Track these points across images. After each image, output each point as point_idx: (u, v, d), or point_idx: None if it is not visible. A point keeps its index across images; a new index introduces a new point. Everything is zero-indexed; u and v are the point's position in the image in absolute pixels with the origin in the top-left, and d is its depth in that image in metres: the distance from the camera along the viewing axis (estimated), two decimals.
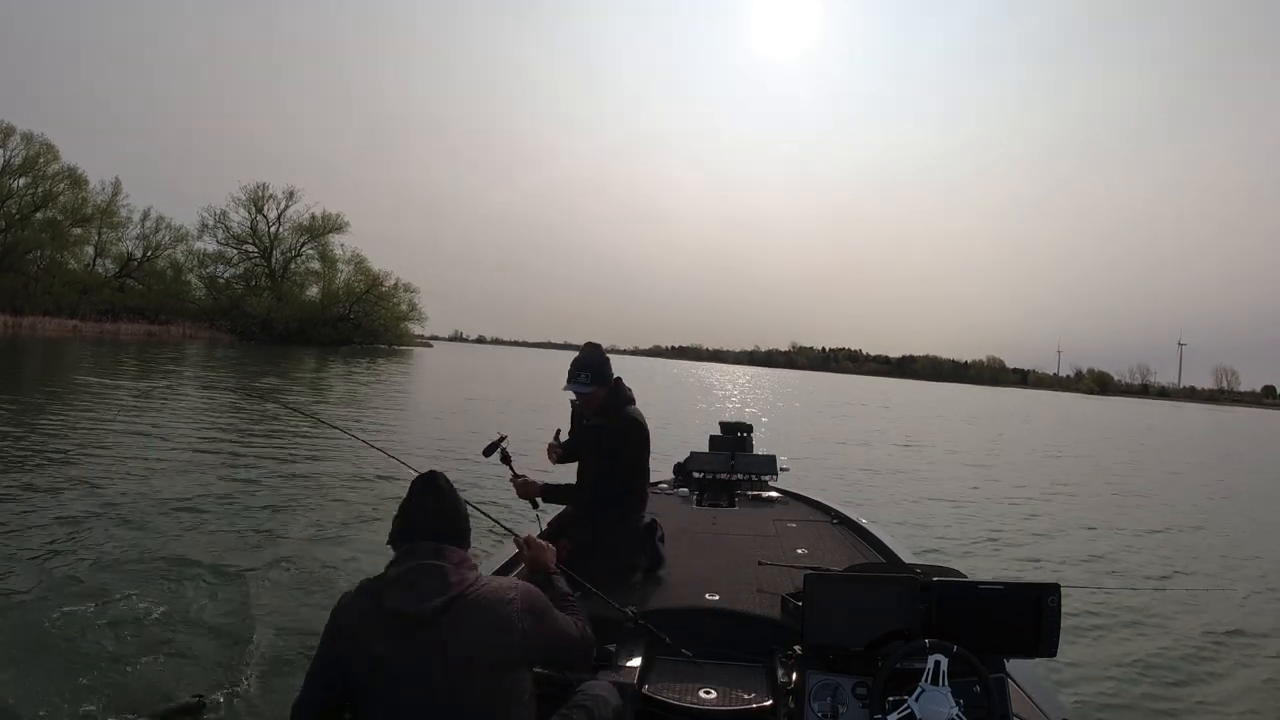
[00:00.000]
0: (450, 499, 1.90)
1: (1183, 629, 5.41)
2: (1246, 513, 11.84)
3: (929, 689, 1.86)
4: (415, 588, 1.73)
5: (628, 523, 3.40)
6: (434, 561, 1.76)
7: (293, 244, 65.26)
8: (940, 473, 13.82)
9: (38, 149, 50.20)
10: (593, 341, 3.44)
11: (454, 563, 1.79)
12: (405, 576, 1.76)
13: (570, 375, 3.37)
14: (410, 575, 1.76)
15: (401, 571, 1.77)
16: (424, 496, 1.89)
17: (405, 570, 1.77)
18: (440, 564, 1.76)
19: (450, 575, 1.75)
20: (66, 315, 48.00)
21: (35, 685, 3.38)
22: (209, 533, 6.00)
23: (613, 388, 3.44)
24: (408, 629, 1.71)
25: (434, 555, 1.78)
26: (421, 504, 1.88)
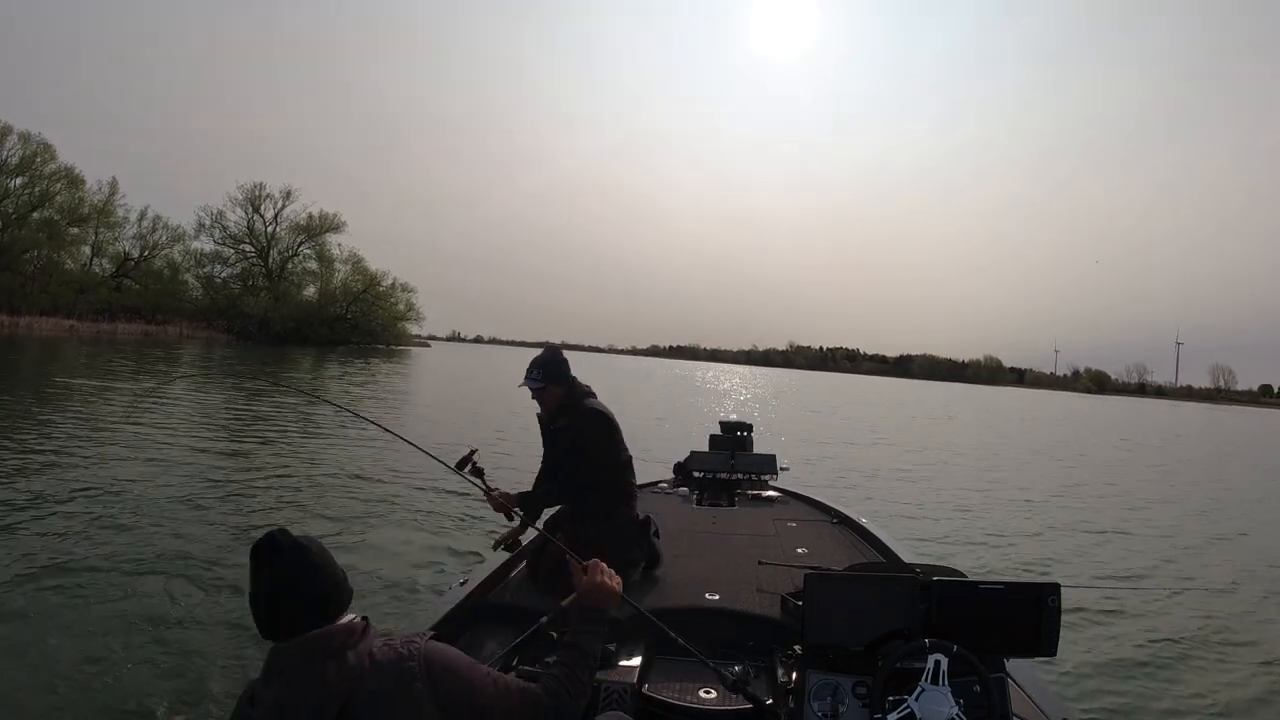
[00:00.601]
0: (300, 566, 1.47)
1: (1183, 629, 5.42)
2: (1247, 513, 11.86)
3: (929, 688, 1.86)
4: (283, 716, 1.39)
5: (618, 518, 3.39)
6: (306, 669, 1.41)
7: (290, 244, 65.18)
8: (940, 473, 13.83)
9: (35, 148, 50.17)
10: (551, 343, 3.48)
11: (333, 651, 1.42)
12: (279, 707, 1.40)
13: (527, 373, 3.40)
14: (282, 705, 1.40)
15: (270, 702, 1.41)
16: (262, 576, 1.48)
17: (275, 697, 1.41)
18: (315, 670, 1.40)
19: (331, 675, 1.39)
20: (63, 315, 47.84)
21: (25, 686, 3.38)
22: (204, 527, 6.00)
23: (569, 386, 3.45)
24: None
25: (303, 660, 1.41)
26: (263, 590, 1.48)
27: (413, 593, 4.87)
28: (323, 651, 1.42)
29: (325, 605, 1.47)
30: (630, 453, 3.62)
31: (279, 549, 1.47)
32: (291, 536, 1.50)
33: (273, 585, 1.46)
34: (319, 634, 1.44)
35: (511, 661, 2.45)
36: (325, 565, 1.51)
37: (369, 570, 5.36)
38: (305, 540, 1.51)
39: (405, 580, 5.18)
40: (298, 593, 1.45)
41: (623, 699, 2.29)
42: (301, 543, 1.50)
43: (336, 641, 1.43)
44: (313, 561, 1.48)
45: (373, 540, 6.15)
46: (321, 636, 1.43)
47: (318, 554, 1.51)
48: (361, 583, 5.04)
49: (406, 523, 6.81)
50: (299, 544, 1.49)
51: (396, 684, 1.42)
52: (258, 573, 1.48)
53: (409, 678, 1.43)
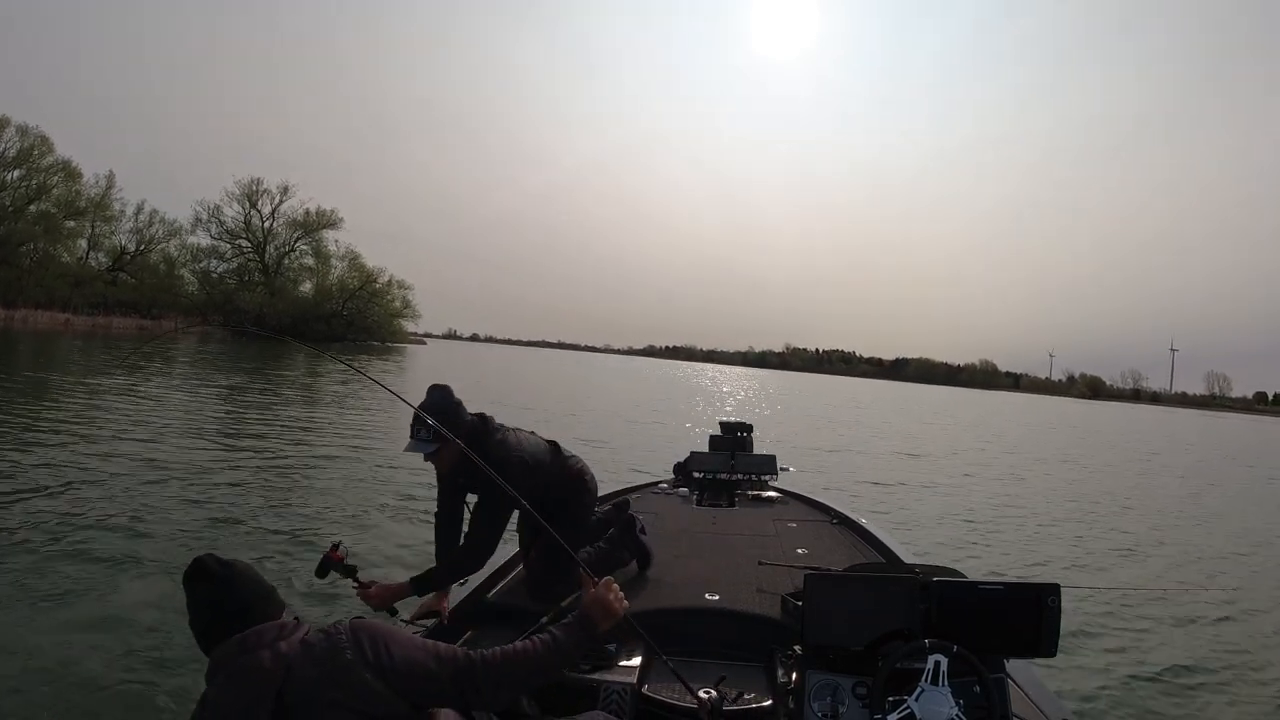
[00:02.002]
0: (228, 582, 1.57)
1: (1183, 629, 5.45)
2: (1246, 514, 11.91)
3: (929, 689, 1.86)
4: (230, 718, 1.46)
5: (581, 530, 3.21)
6: (241, 661, 1.49)
7: (286, 239, 65.13)
8: (941, 473, 13.86)
9: (32, 141, 49.97)
10: (438, 384, 2.87)
11: (265, 642, 1.51)
12: (219, 700, 1.48)
13: (411, 431, 2.78)
14: (222, 699, 1.48)
15: (212, 700, 1.49)
16: (196, 596, 1.58)
17: (216, 692, 1.49)
18: (249, 660, 1.49)
19: (265, 663, 1.48)
20: (59, 308, 47.63)
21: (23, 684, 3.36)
22: (200, 524, 5.99)
23: (468, 436, 2.78)
24: None
25: (239, 653, 1.50)
26: (198, 610, 1.58)
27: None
28: (255, 644, 1.50)
29: (248, 610, 1.56)
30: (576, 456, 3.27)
31: (206, 571, 1.58)
32: (217, 559, 1.61)
33: (206, 602, 1.56)
34: (252, 630, 1.52)
35: None
36: (251, 580, 1.61)
37: (368, 571, 5.33)
38: (230, 561, 1.62)
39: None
40: (228, 606, 1.55)
41: (623, 699, 2.29)
42: (226, 562, 1.60)
43: (269, 635, 1.52)
44: (239, 578, 1.59)
45: (372, 540, 6.13)
46: (255, 632, 1.52)
47: (243, 571, 1.61)
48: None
49: (406, 523, 6.80)
50: (224, 563, 1.60)
51: (328, 660, 1.49)
52: (191, 594, 1.58)
53: (338, 649, 1.50)
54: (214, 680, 1.51)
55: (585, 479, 3.26)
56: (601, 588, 1.87)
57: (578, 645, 1.78)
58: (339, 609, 4.38)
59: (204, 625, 1.57)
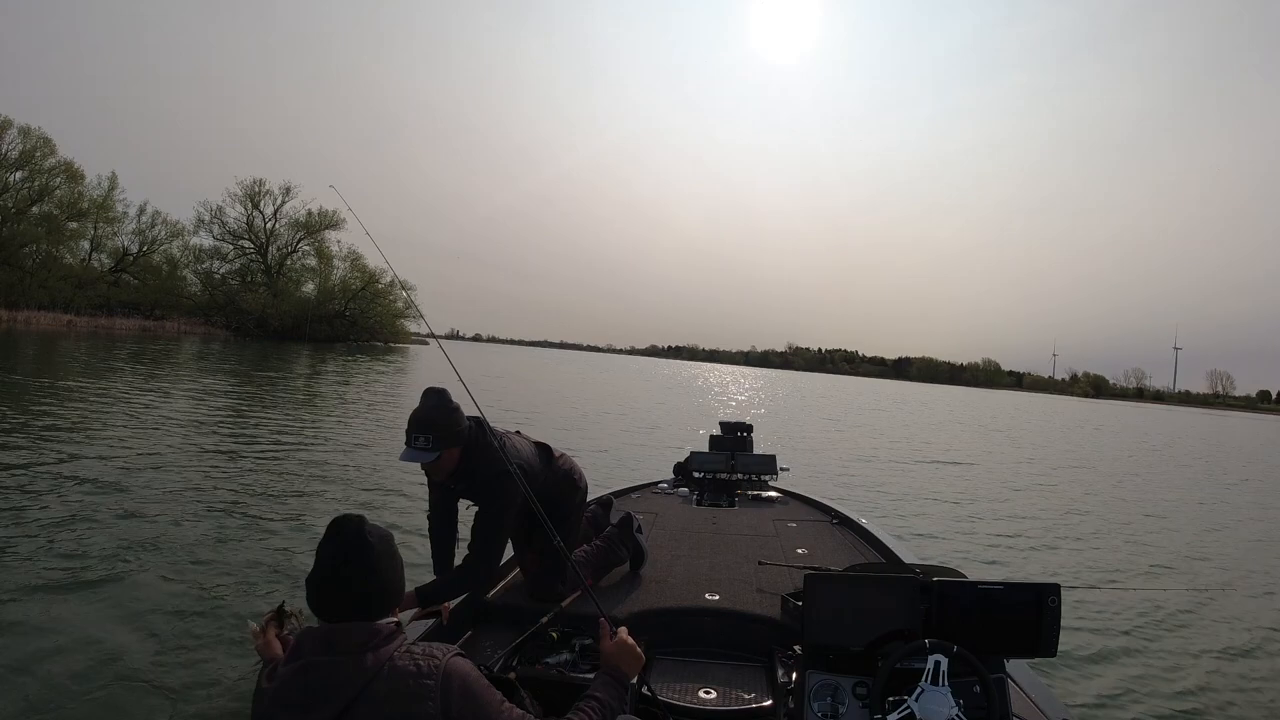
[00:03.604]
0: (354, 557, 1.47)
1: (1183, 629, 5.44)
2: (1246, 514, 11.88)
3: (929, 689, 1.86)
4: (290, 707, 1.39)
5: (574, 531, 3.21)
6: (322, 658, 1.41)
7: (289, 240, 65.21)
8: (941, 474, 13.84)
9: (35, 142, 50.10)
10: (435, 388, 2.76)
11: (352, 646, 1.42)
12: (286, 686, 1.41)
13: (407, 438, 2.67)
14: (291, 685, 1.41)
15: (283, 679, 1.43)
16: (321, 552, 1.50)
17: (286, 676, 1.42)
18: (330, 662, 1.40)
19: (343, 671, 1.39)
20: (61, 309, 47.79)
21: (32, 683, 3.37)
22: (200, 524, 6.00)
23: (468, 445, 2.76)
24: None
25: (322, 649, 1.42)
26: (315, 566, 1.50)
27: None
28: (342, 646, 1.41)
29: (364, 603, 1.46)
30: (566, 456, 3.26)
31: (342, 533, 1.49)
32: (361, 526, 1.50)
33: (323, 565, 1.47)
34: (344, 627, 1.43)
35: (512, 662, 2.45)
36: (380, 565, 1.49)
37: None
38: (374, 534, 1.51)
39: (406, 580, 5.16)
40: (342, 580, 1.46)
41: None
42: (368, 536, 1.49)
43: (358, 639, 1.42)
44: (368, 557, 1.48)
45: None
46: (345, 630, 1.43)
47: (379, 552, 1.50)
48: None
49: (406, 522, 6.80)
50: (364, 536, 1.49)
51: (410, 700, 1.39)
52: (320, 548, 1.50)
53: (422, 695, 1.40)
54: (290, 663, 1.44)
55: (575, 479, 3.25)
56: (621, 636, 1.91)
57: (620, 699, 1.81)
58: None
59: (312, 586, 1.48)
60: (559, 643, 2.54)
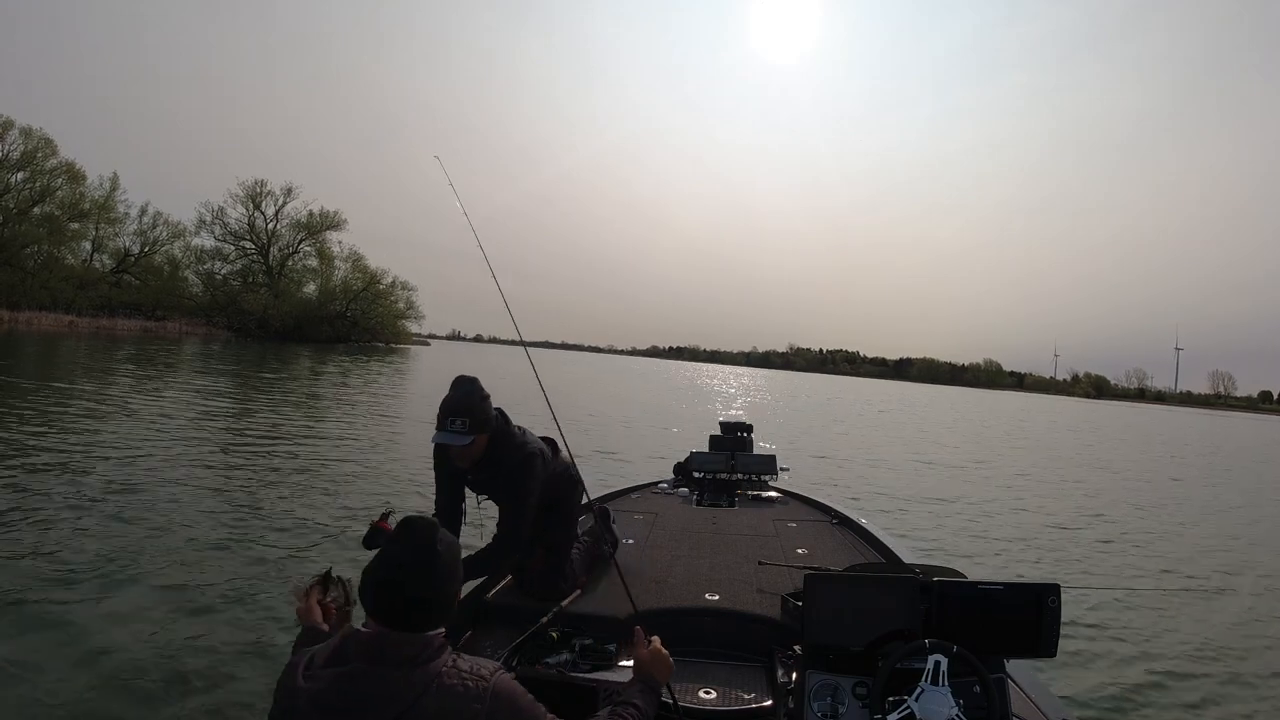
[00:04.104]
0: (414, 561, 1.43)
1: (1183, 629, 5.43)
2: (1246, 515, 11.86)
3: (929, 689, 1.85)
4: (329, 713, 1.35)
5: (572, 528, 3.26)
6: (368, 669, 1.37)
7: (290, 241, 65.31)
8: (941, 474, 13.83)
9: (36, 143, 50.19)
10: (466, 376, 2.80)
11: (402, 659, 1.38)
12: (329, 692, 1.37)
13: (440, 422, 2.68)
14: (333, 691, 1.37)
15: (325, 682, 1.38)
16: (382, 549, 1.47)
17: (329, 681, 1.38)
18: (375, 674, 1.36)
19: (389, 686, 1.35)
20: (63, 310, 47.86)
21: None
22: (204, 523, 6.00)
23: (495, 434, 2.82)
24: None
25: (368, 660, 1.38)
26: (373, 563, 1.46)
27: None
28: (390, 657, 1.38)
29: (418, 611, 1.42)
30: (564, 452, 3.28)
31: (411, 535, 1.46)
32: (432, 532, 1.47)
33: (385, 564, 1.44)
34: (394, 638, 1.39)
35: (511, 662, 2.45)
36: (441, 576, 1.45)
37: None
38: (443, 543, 1.47)
39: None
40: (399, 585, 1.41)
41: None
42: (436, 543, 1.46)
43: (408, 652, 1.38)
44: (433, 565, 1.44)
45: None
46: (395, 641, 1.39)
47: (444, 562, 1.46)
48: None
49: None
50: (433, 543, 1.45)
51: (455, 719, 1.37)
52: (385, 545, 1.47)
53: (471, 715, 1.37)
54: (332, 666, 1.40)
55: (574, 476, 3.25)
56: (655, 645, 1.93)
57: (655, 707, 1.81)
58: None
59: (366, 583, 1.44)
60: (559, 643, 2.53)
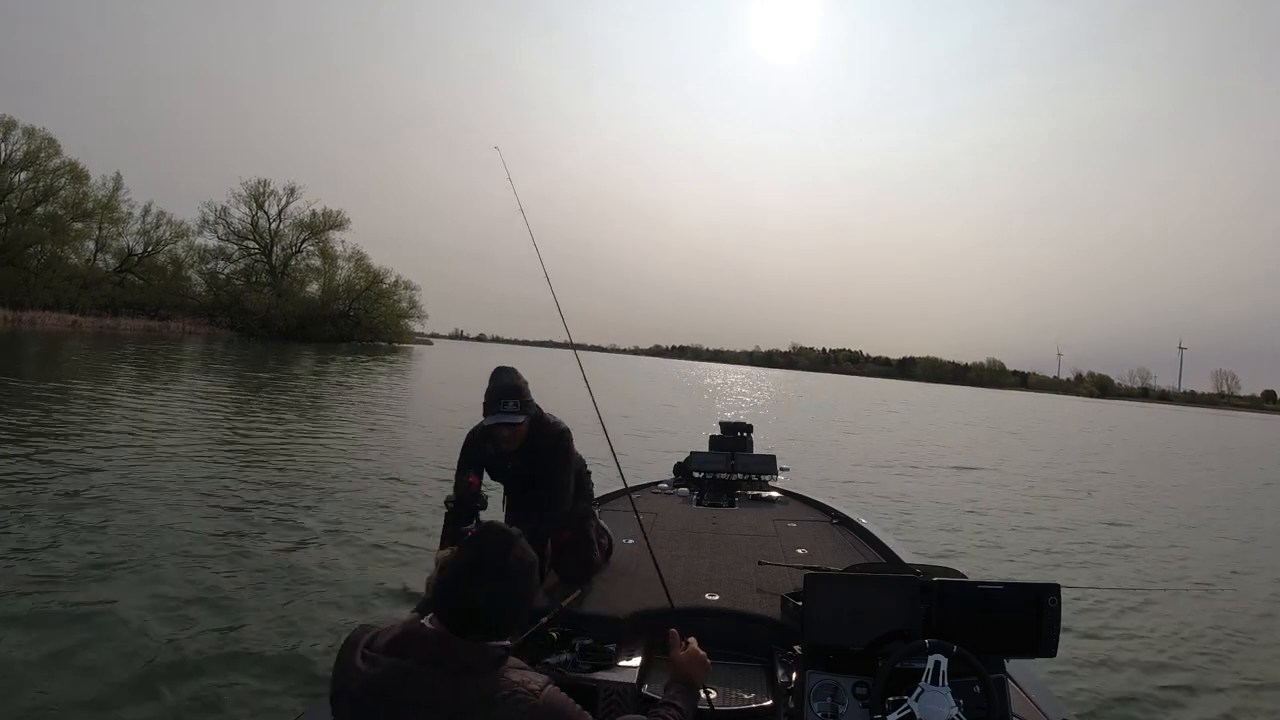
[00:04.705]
0: (499, 576, 1.43)
1: (1183, 629, 5.41)
2: (1247, 515, 11.82)
3: (929, 689, 1.85)
4: (380, 701, 1.36)
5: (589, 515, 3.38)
6: (425, 669, 1.37)
7: (293, 240, 65.41)
8: (941, 473, 13.81)
9: (39, 143, 50.25)
10: (505, 366, 3.02)
11: (458, 667, 1.37)
12: (382, 682, 1.37)
13: (492, 405, 2.87)
14: (387, 682, 1.37)
15: (382, 670, 1.38)
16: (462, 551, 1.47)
17: (386, 670, 1.38)
18: (431, 677, 1.36)
19: (443, 690, 1.35)
20: (66, 310, 47.98)
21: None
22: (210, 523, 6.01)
23: (534, 419, 3.00)
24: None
25: (428, 662, 1.37)
26: (452, 563, 1.45)
27: (411, 593, 4.87)
28: (448, 663, 1.37)
29: (481, 622, 1.42)
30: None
31: (484, 543, 1.46)
32: (507, 543, 1.47)
33: (453, 567, 1.44)
34: (454, 644, 1.39)
35: None
36: (509, 589, 1.45)
37: (367, 568, 5.37)
38: (516, 554, 1.47)
39: (404, 580, 5.18)
40: (462, 594, 1.41)
41: (622, 700, 2.29)
42: (509, 554, 1.46)
43: (465, 660, 1.38)
44: (503, 576, 1.44)
45: (373, 538, 6.14)
46: (454, 648, 1.39)
47: (516, 574, 1.46)
48: (360, 582, 5.07)
49: (407, 521, 6.82)
50: (506, 554, 1.45)
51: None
52: (458, 549, 1.48)
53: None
54: (395, 652, 1.40)
55: (585, 465, 3.40)
56: (693, 646, 1.95)
57: (694, 707, 1.82)
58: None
59: (441, 595, 1.42)
60: (559, 643, 2.53)
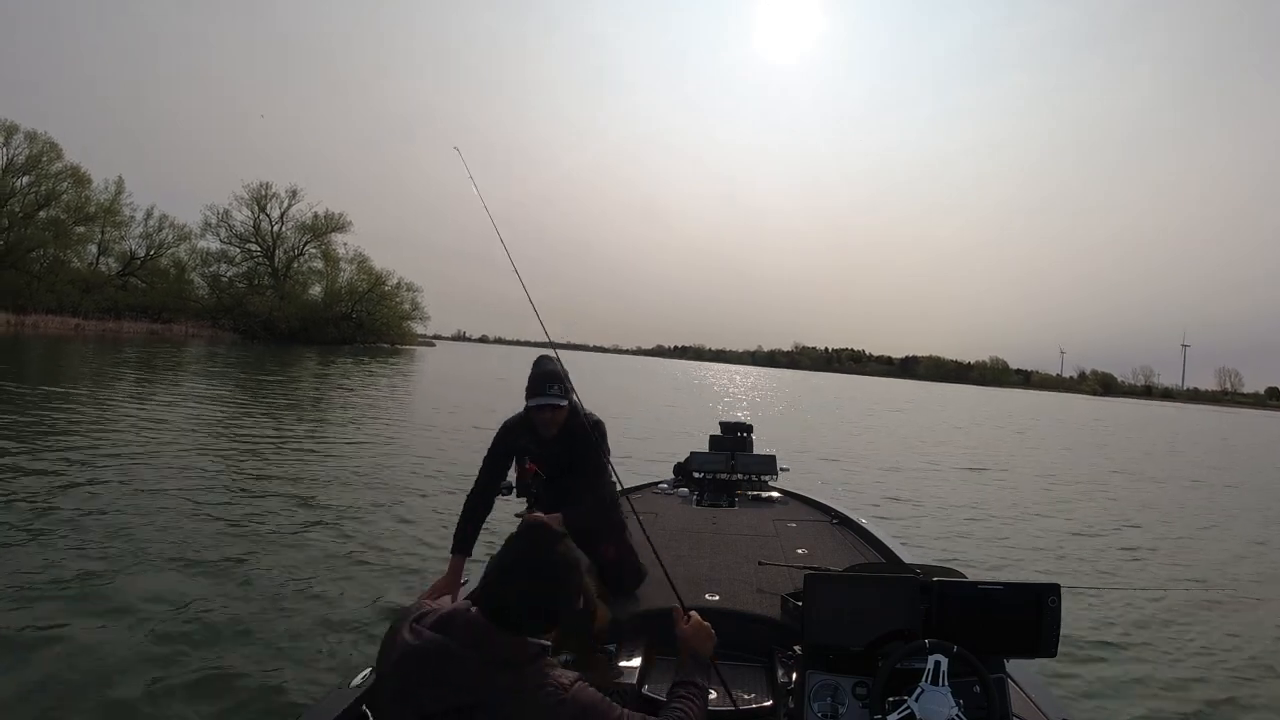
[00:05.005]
0: (544, 577, 1.47)
1: (1183, 630, 5.39)
2: (1248, 514, 11.78)
3: (929, 689, 1.85)
4: (422, 667, 1.40)
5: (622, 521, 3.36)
6: (466, 651, 1.40)
7: (295, 243, 65.57)
8: (941, 472, 13.80)
9: (41, 147, 50.36)
10: (544, 354, 3.09)
11: (496, 658, 1.40)
12: (425, 654, 1.41)
13: (536, 389, 2.97)
14: (429, 656, 1.41)
15: (426, 643, 1.42)
16: (510, 545, 1.51)
17: (430, 644, 1.42)
18: (470, 660, 1.39)
19: (478, 675, 1.38)
20: (69, 313, 48.08)
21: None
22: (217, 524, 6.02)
23: (570, 407, 3.09)
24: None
25: (472, 642, 1.41)
26: (499, 555, 1.51)
27: (411, 592, 4.87)
28: (487, 652, 1.40)
29: (521, 617, 1.44)
30: None
31: (529, 542, 1.49)
32: (551, 542, 1.50)
33: (501, 560, 1.49)
34: (495, 633, 1.42)
35: None
36: (550, 586, 1.48)
37: (366, 570, 5.37)
38: (560, 554, 1.50)
39: (404, 580, 5.19)
40: (506, 587, 1.45)
41: (622, 700, 2.28)
42: (553, 553, 1.49)
43: (502, 653, 1.41)
44: (540, 574, 1.47)
45: (372, 538, 6.15)
46: (494, 641, 1.41)
47: (559, 573, 1.49)
48: (360, 583, 5.08)
49: (407, 522, 6.82)
50: (547, 551, 1.49)
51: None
52: (506, 543, 1.52)
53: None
54: (443, 627, 1.44)
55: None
56: (695, 619, 1.95)
57: (708, 677, 1.84)
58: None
59: (487, 586, 1.46)
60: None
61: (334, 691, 2.17)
